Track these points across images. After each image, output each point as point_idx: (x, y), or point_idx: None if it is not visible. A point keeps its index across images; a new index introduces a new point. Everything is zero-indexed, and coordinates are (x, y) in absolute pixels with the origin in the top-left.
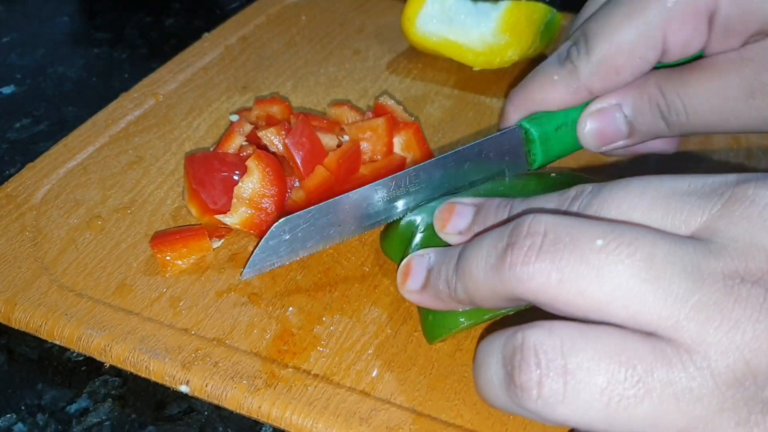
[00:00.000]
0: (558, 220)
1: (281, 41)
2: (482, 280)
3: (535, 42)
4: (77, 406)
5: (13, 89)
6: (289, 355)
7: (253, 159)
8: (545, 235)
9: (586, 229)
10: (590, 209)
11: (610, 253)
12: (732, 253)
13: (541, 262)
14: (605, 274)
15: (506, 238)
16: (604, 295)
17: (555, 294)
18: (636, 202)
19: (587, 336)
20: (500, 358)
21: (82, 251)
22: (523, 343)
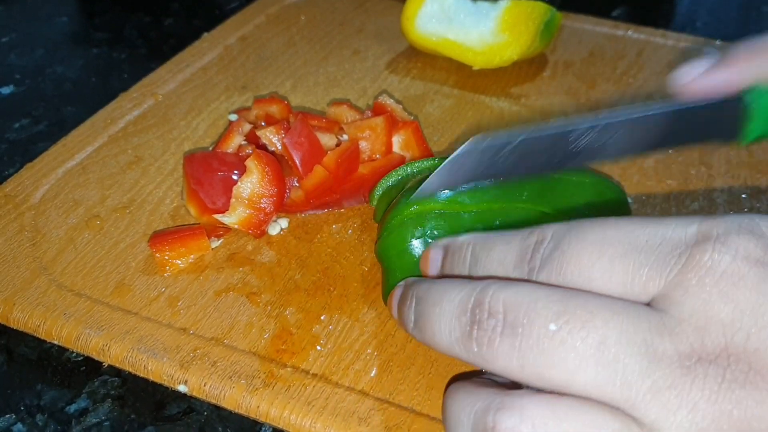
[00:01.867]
0: (514, 297)
1: (280, 41)
2: (449, 346)
3: (534, 41)
4: (76, 406)
5: (12, 89)
6: (287, 355)
7: (253, 159)
8: (505, 316)
9: (540, 310)
10: (553, 263)
11: (564, 341)
12: (687, 330)
13: (501, 347)
14: (560, 361)
15: (469, 313)
16: (563, 379)
17: (519, 376)
18: (595, 260)
19: (558, 416)
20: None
21: (81, 251)
22: (494, 428)
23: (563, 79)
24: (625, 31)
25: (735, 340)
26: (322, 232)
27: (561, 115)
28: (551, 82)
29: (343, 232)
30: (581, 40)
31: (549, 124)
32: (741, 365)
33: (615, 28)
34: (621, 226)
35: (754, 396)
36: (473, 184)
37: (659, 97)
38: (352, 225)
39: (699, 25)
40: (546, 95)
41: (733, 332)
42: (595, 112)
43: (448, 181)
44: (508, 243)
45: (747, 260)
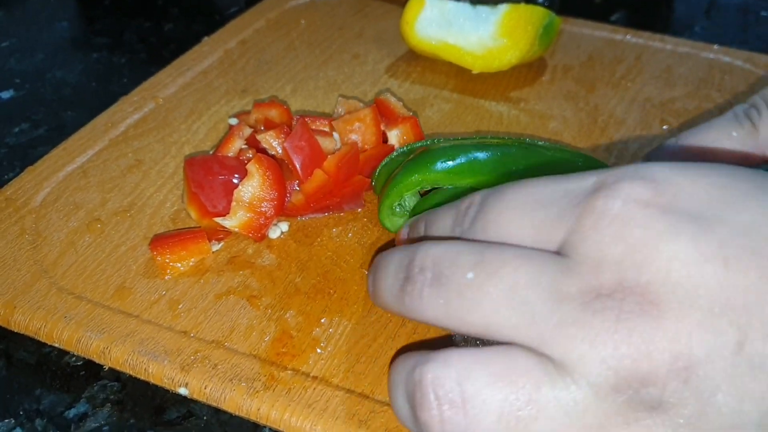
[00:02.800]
0: (442, 252)
1: (280, 45)
2: (390, 303)
3: (533, 46)
4: (76, 411)
5: (11, 94)
6: (288, 358)
7: (254, 163)
8: (432, 270)
9: (461, 262)
10: (478, 223)
11: (480, 286)
12: (585, 270)
13: (429, 297)
14: (477, 305)
15: (404, 270)
16: (482, 323)
17: (446, 323)
18: (511, 217)
19: (480, 361)
20: (404, 394)
21: (82, 254)
22: (421, 380)
23: (562, 83)
24: (623, 35)
25: (628, 276)
26: (322, 236)
27: (560, 118)
28: (550, 86)
29: (343, 235)
30: (580, 44)
31: None
32: (636, 297)
33: (614, 33)
34: (533, 184)
35: (650, 324)
36: (472, 156)
37: (657, 102)
38: (352, 228)
39: (697, 30)
40: (545, 99)
41: (626, 268)
42: None
43: None
44: (448, 211)
45: (637, 203)
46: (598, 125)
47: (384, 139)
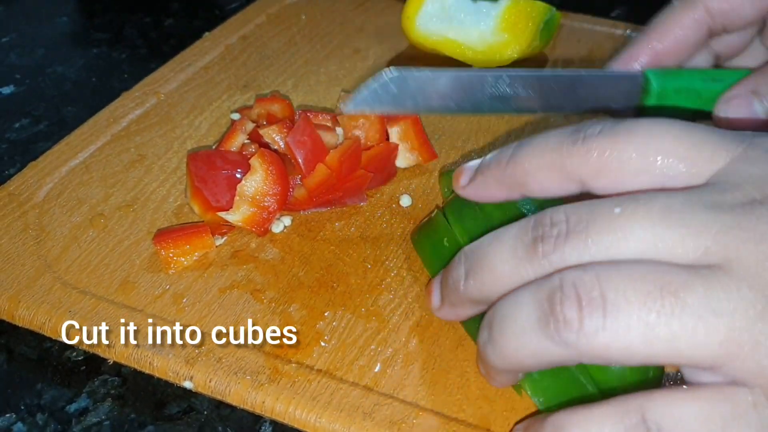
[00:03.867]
0: (576, 206)
1: (282, 40)
2: (508, 271)
3: (534, 40)
4: (77, 405)
5: (12, 89)
6: (292, 351)
7: (257, 157)
8: (567, 220)
9: (601, 204)
10: (616, 134)
11: (630, 215)
12: (747, 185)
13: (569, 244)
14: (629, 233)
15: (530, 232)
16: (635, 251)
17: (590, 259)
18: (663, 137)
19: (620, 267)
20: (534, 303)
21: (85, 249)
22: (561, 282)
23: None
24: (623, 30)
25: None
26: (325, 230)
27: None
28: None
29: (346, 229)
30: (580, 39)
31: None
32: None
33: (614, 28)
34: (680, 121)
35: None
36: None
37: None
38: (354, 222)
39: None
40: None
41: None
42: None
43: (369, 104)
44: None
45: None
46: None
47: (386, 137)
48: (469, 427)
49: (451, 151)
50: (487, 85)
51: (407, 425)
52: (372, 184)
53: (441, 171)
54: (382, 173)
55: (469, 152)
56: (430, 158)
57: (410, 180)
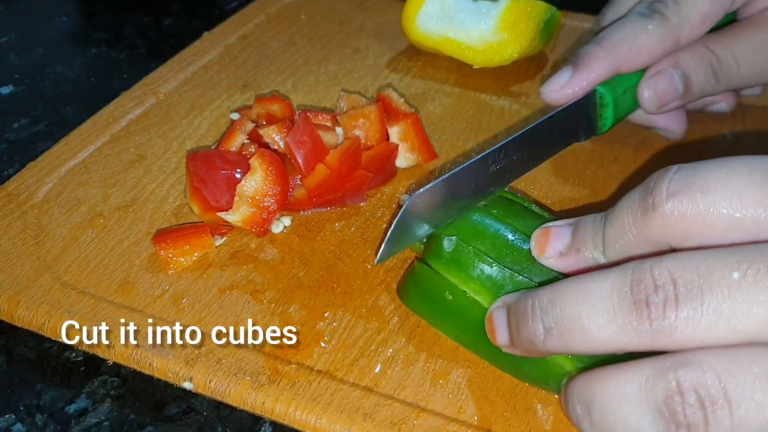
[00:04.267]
0: (681, 262)
1: (281, 40)
2: (605, 337)
3: (534, 40)
4: (76, 406)
5: (11, 89)
6: (292, 352)
7: (257, 158)
8: (675, 283)
9: (715, 264)
10: (688, 191)
11: (752, 284)
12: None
13: (681, 313)
14: (754, 305)
15: (630, 293)
16: (756, 325)
17: (705, 339)
18: (745, 181)
19: (740, 362)
20: (649, 403)
21: (85, 249)
22: (679, 386)
23: None
24: None
25: None
26: (325, 230)
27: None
28: None
29: (346, 229)
30: (581, 38)
31: (462, 163)
32: None
33: None
34: (757, 157)
35: None
36: None
37: None
38: (354, 223)
39: None
40: None
41: None
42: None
43: (400, 243)
44: (630, 199)
45: None
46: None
47: (386, 137)
48: (470, 428)
49: (451, 151)
50: (480, 173)
51: (407, 426)
52: (372, 184)
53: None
54: (382, 173)
55: (469, 152)
56: (430, 158)
57: (410, 180)
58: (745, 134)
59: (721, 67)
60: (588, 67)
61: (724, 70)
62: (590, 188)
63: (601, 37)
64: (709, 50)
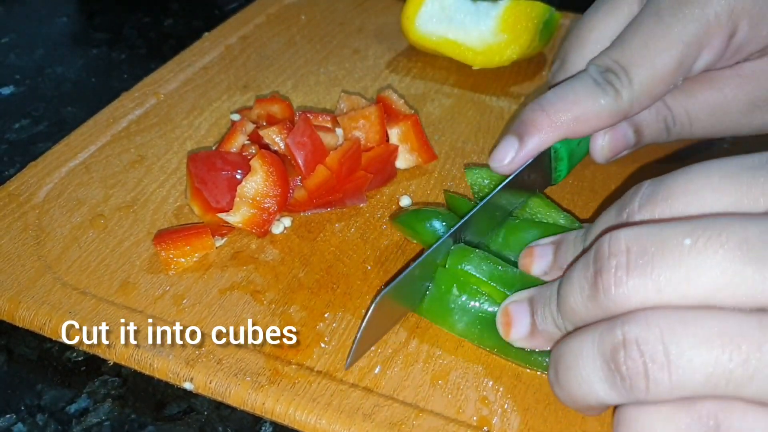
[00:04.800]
0: (636, 231)
1: (281, 41)
2: (583, 312)
3: (534, 41)
4: (77, 406)
5: (11, 90)
6: (292, 352)
7: (257, 159)
8: (629, 251)
9: (668, 232)
10: (654, 201)
11: (702, 249)
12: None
13: (633, 278)
14: (704, 269)
15: (591, 265)
16: (707, 289)
17: (657, 304)
18: (703, 184)
19: (686, 322)
20: (598, 356)
21: (85, 249)
22: (624, 339)
23: None
24: None
25: None
26: (325, 231)
27: None
28: None
29: (346, 230)
30: None
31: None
32: None
33: None
34: (723, 160)
35: None
36: None
37: None
38: (354, 224)
39: None
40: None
41: None
42: None
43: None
44: (609, 213)
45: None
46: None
47: (386, 138)
48: (469, 428)
49: (451, 152)
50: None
51: (407, 426)
52: (372, 185)
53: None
54: (382, 174)
55: (469, 153)
56: (430, 159)
57: (410, 181)
58: (745, 138)
59: (674, 123)
60: (533, 138)
61: (677, 126)
62: (590, 189)
63: (547, 101)
64: (665, 107)
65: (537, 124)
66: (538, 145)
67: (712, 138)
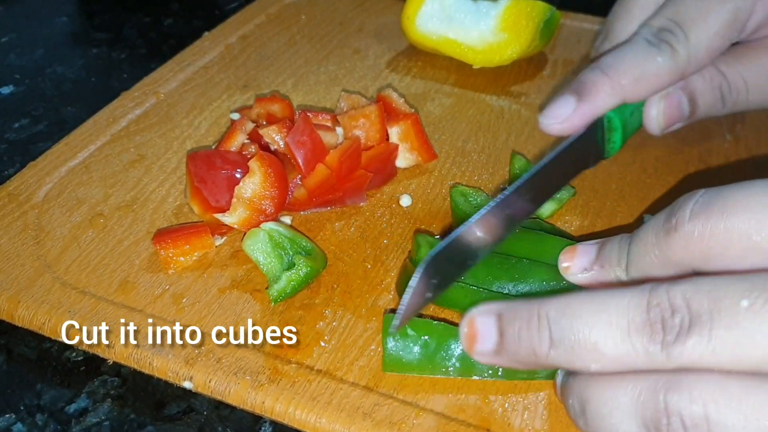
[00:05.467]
0: (695, 286)
1: (281, 40)
2: (615, 355)
3: (534, 40)
4: (76, 406)
5: (11, 89)
6: (292, 351)
7: (256, 160)
8: (689, 307)
9: (726, 291)
10: (708, 212)
11: (759, 312)
12: None
13: (691, 339)
14: (758, 335)
15: (645, 313)
16: (761, 356)
17: (710, 365)
18: (766, 204)
19: (731, 395)
20: (637, 416)
21: (85, 249)
22: (667, 408)
23: (563, 77)
24: None
25: None
26: (325, 230)
27: None
28: (551, 81)
29: (346, 229)
30: (580, 38)
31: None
32: None
33: None
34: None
35: None
36: None
37: None
38: (354, 223)
39: None
40: (545, 93)
41: None
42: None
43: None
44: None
45: None
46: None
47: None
48: (469, 428)
49: (451, 151)
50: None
51: (407, 425)
52: (372, 184)
53: (452, 186)
54: (382, 173)
55: (470, 152)
56: (430, 158)
57: (410, 180)
58: (745, 134)
59: (730, 91)
60: (593, 99)
61: (733, 94)
62: (590, 188)
63: (606, 64)
64: (719, 73)
65: (597, 85)
66: (596, 107)
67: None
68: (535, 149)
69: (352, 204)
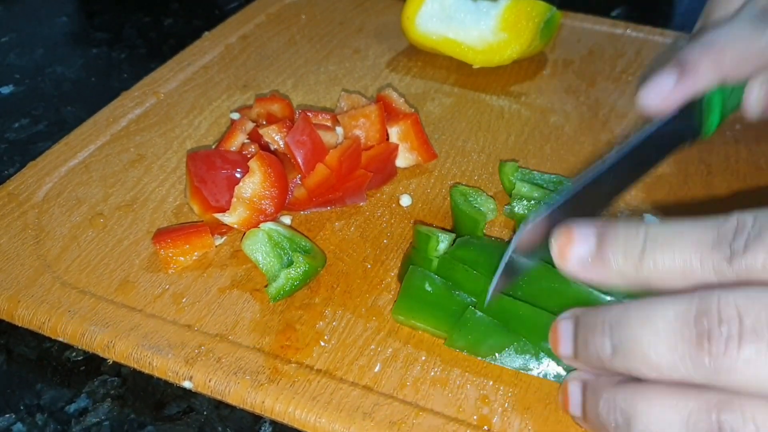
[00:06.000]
0: (748, 297)
1: (281, 40)
2: (664, 365)
3: (534, 40)
4: (76, 406)
5: (11, 89)
6: (291, 351)
7: (255, 160)
8: (741, 318)
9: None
10: (760, 250)
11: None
12: None
13: (743, 352)
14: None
15: (694, 323)
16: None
17: (763, 383)
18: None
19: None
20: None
21: (85, 249)
22: (720, 428)
23: (563, 77)
24: (624, 29)
25: None
26: (325, 230)
27: (561, 112)
28: (551, 81)
29: (346, 229)
30: (581, 38)
31: (573, 183)
32: None
33: (614, 27)
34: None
35: None
36: None
37: None
38: (354, 222)
39: None
40: (546, 93)
41: None
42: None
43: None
44: (697, 230)
45: None
46: (599, 119)
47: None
48: (469, 427)
49: (451, 151)
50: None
51: (407, 425)
52: (372, 183)
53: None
54: (382, 173)
55: (470, 152)
56: (430, 158)
57: (410, 180)
58: (745, 134)
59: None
60: (695, 76)
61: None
62: None
63: (709, 40)
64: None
65: (699, 62)
66: (697, 84)
67: None
68: (535, 149)
69: (352, 204)
